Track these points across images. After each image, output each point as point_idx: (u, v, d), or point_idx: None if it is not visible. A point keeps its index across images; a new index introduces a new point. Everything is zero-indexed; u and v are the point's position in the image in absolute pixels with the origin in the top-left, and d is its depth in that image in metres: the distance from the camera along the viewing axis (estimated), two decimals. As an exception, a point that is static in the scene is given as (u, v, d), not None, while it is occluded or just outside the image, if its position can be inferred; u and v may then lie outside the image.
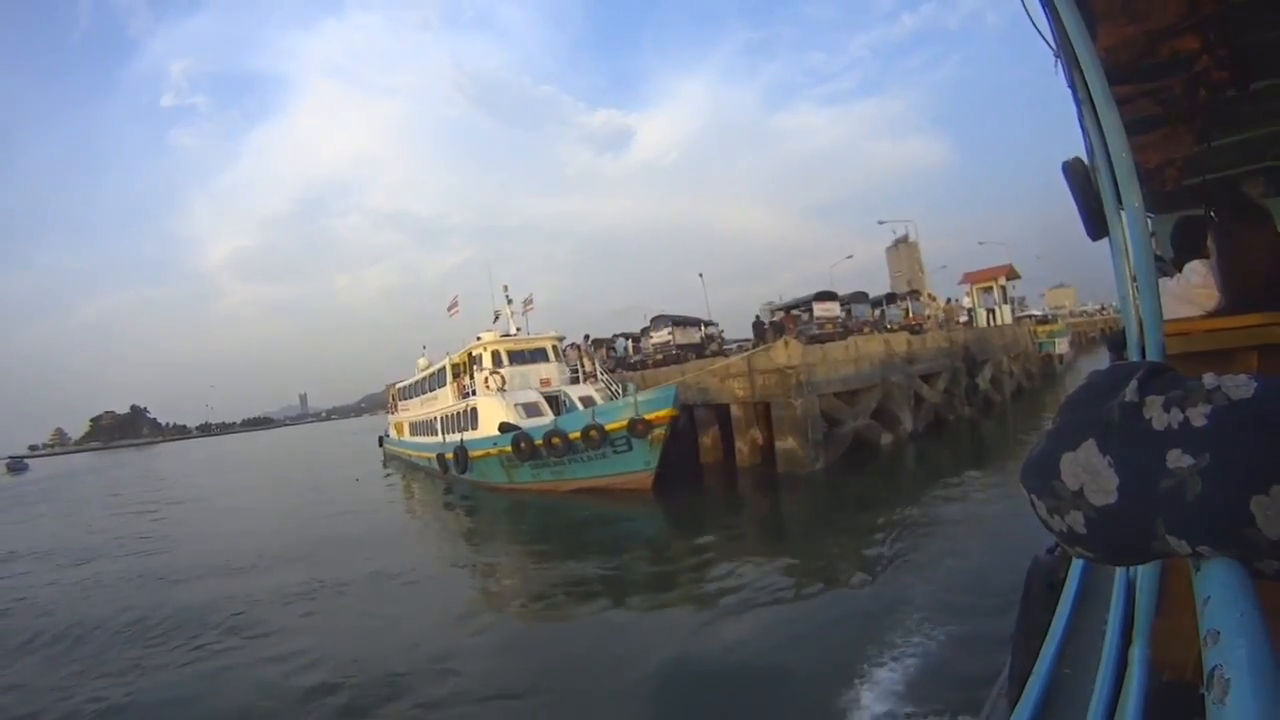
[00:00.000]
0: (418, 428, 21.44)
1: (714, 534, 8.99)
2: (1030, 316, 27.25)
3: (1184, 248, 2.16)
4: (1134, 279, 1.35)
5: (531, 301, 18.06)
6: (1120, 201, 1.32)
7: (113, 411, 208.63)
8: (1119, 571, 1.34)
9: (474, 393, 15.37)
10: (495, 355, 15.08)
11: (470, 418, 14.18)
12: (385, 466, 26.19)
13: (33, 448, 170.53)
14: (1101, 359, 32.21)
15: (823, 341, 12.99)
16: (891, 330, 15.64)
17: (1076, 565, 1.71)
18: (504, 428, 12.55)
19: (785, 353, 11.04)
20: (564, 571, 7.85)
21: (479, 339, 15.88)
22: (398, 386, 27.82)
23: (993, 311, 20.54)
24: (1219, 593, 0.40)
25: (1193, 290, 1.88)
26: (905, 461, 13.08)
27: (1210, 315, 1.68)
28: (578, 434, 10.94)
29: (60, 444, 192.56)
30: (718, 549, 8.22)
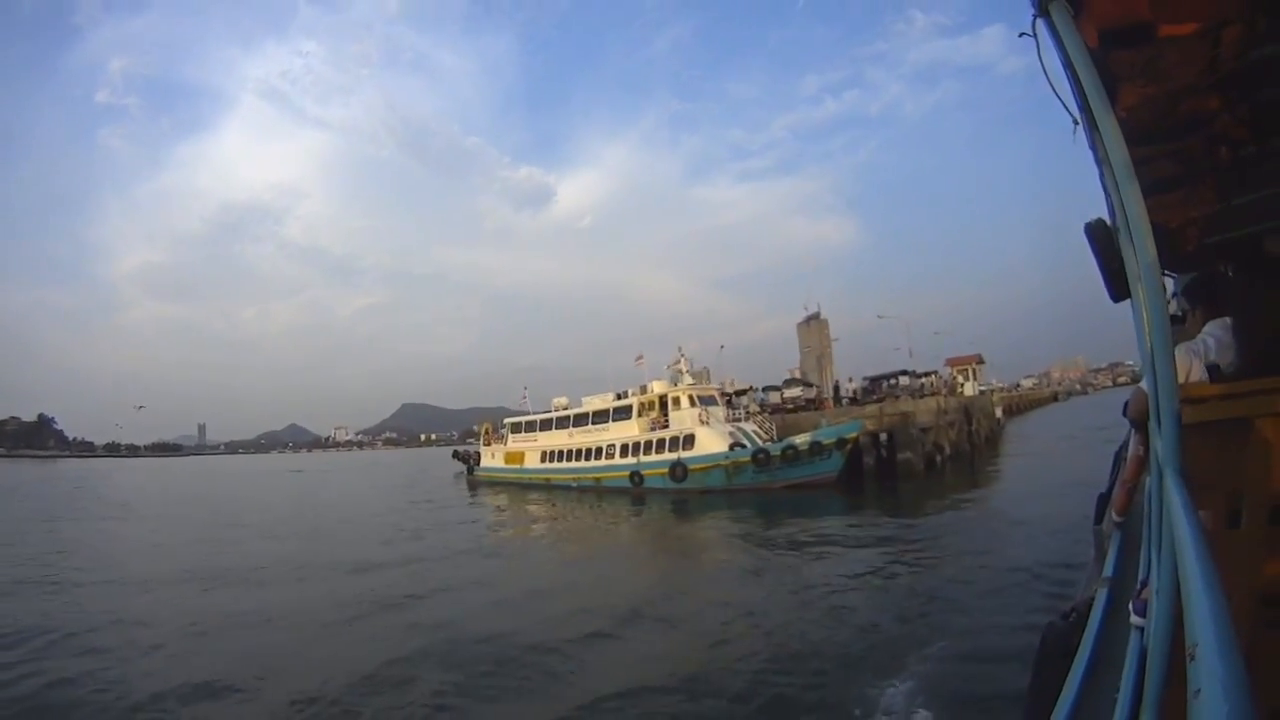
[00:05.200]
0: (562, 455, 27.06)
1: (880, 502, 17.16)
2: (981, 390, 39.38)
3: (1200, 304, 2.26)
4: (1151, 346, 1.33)
5: (685, 360, 25.71)
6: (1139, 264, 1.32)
7: (18, 418, 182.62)
8: (1132, 640, 1.37)
9: (667, 424, 22.47)
10: (690, 399, 22.46)
11: (687, 441, 21.15)
12: (473, 493, 30.65)
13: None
14: (1022, 425, 44.80)
15: (915, 397, 22.05)
16: (929, 395, 25.18)
17: (1090, 632, 1.73)
18: (734, 447, 19.88)
19: (911, 402, 19.80)
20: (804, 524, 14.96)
21: (676, 385, 23.18)
22: (508, 421, 33.06)
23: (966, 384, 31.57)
24: (1211, 688, 0.40)
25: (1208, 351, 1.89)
26: (948, 473, 21.98)
27: (1228, 378, 1.72)
28: (808, 448, 18.56)
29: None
30: (880, 507, 16.29)
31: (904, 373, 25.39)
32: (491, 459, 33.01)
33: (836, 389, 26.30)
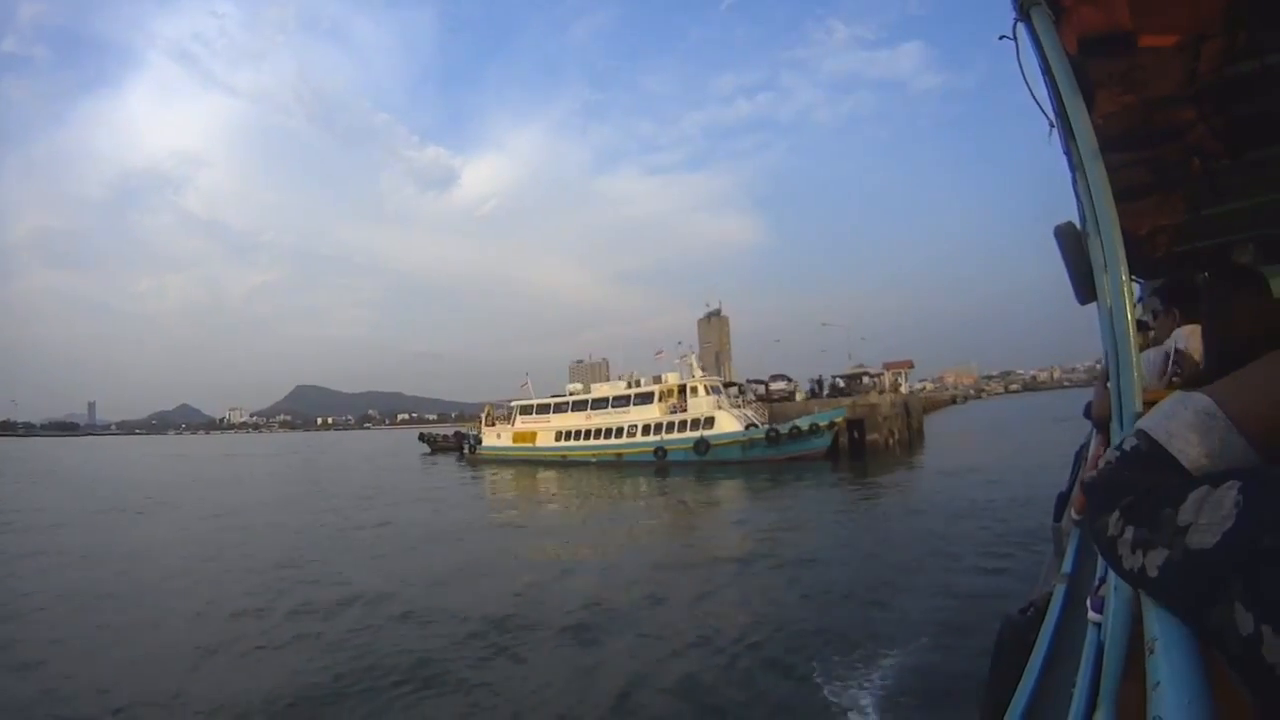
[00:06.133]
0: (581, 434, 30.88)
1: (854, 468, 23.18)
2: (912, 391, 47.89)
3: (1177, 307, 2.32)
4: (1116, 349, 1.35)
5: (689, 355, 30.64)
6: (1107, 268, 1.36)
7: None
8: (1089, 635, 1.38)
9: (686, 409, 27.28)
10: (706, 388, 27.41)
11: (707, 422, 26.00)
12: (475, 471, 32.81)
13: None
14: (931, 422, 54.67)
15: (878, 393, 28.62)
16: (884, 392, 32.14)
17: (1047, 627, 1.78)
18: (750, 427, 25.04)
19: (877, 396, 26.12)
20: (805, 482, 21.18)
21: (692, 376, 28.00)
22: (516, 403, 36.13)
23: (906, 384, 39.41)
24: (1170, 680, 0.42)
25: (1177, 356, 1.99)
26: (898, 451, 28.76)
27: (1190, 382, 1.68)
28: (808, 428, 24.06)
29: None
30: (857, 470, 22.37)
31: (866, 374, 32.34)
32: (497, 439, 35.69)
33: (820, 383, 32.75)
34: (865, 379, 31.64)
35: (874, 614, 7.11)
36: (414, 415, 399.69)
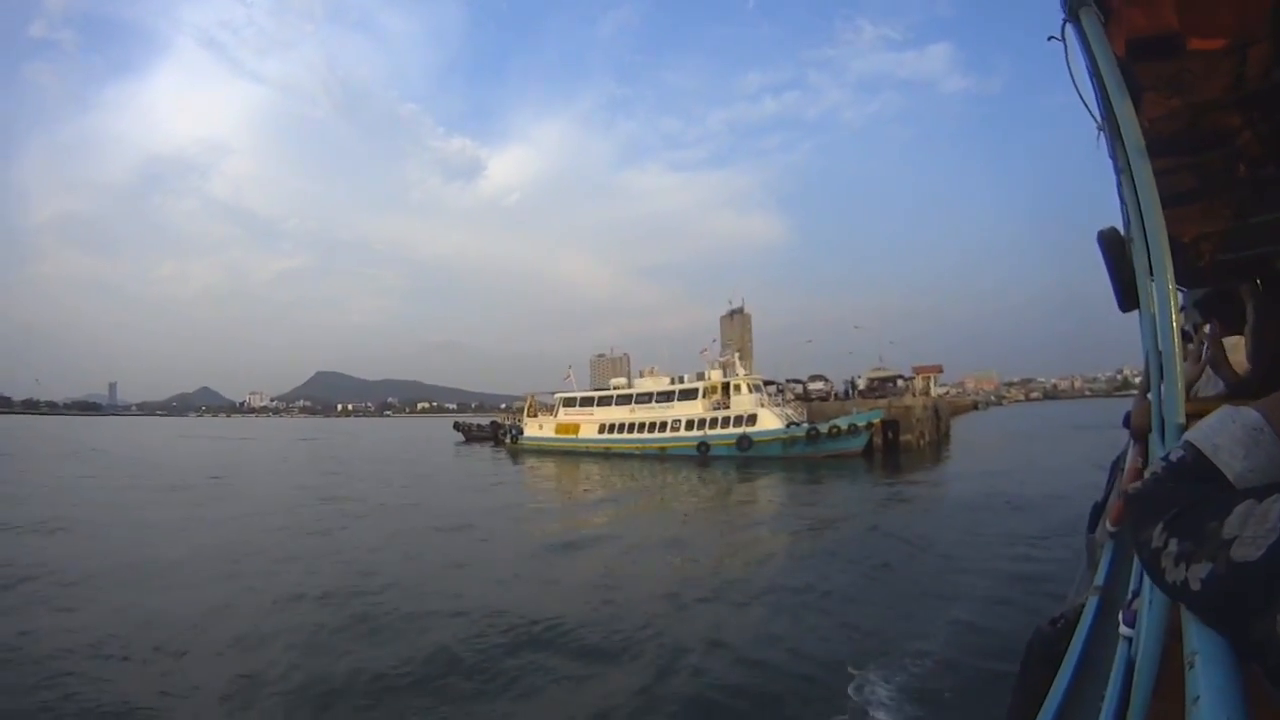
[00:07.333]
0: (625, 427, 32.36)
1: (888, 467, 24.79)
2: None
3: (1215, 317, 2.35)
4: (1160, 358, 1.33)
5: (730, 355, 32.47)
6: (1152, 275, 1.33)
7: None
8: (1120, 649, 1.36)
9: (729, 405, 29.08)
10: (749, 386, 29.20)
11: (750, 419, 27.77)
12: (516, 461, 33.32)
13: None
14: (957, 426, 55.91)
15: (912, 396, 30.30)
16: (914, 395, 33.76)
17: (1078, 640, 1.75)
18: (791, 425, 26.83)
19: (912, 399, 27.82)
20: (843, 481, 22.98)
21: (740, 373, 29.84)
22: (559, 396, 37.97)
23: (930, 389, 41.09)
24: (1209, 695, 0.42)
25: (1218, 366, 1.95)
26: (929, 451, 30.28)
27: (1234, 391, 1.81)
28: (846, 427, 25.76)
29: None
30: (891, 468, 23.99)
31: (900, 377, 34.16)
32: (539, 430, 36.55)
33: (854, 384, 34.70)
34: (899, 382, 33.37)
35: (908, 607, 7.37)
36: (434, 404, 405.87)
